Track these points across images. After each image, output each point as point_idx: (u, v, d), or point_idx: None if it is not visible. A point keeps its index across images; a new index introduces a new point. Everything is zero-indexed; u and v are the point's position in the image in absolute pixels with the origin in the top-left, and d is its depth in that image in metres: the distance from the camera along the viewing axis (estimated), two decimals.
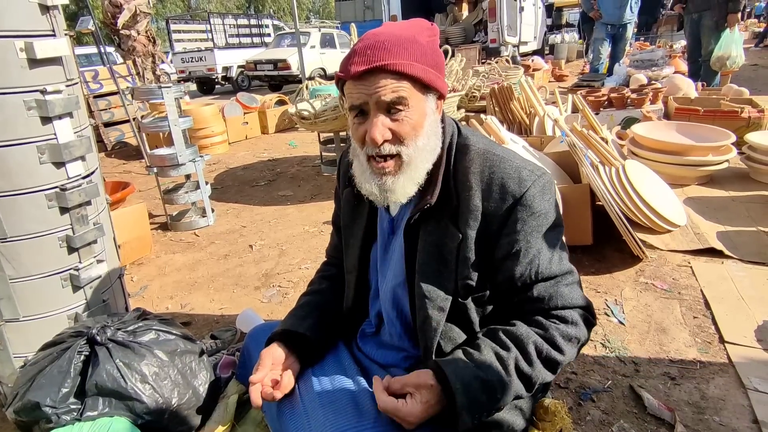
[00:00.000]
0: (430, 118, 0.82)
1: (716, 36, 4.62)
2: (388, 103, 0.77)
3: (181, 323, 1.69)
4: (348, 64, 0.77)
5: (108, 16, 5.49)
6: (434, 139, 0.83)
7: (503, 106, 3.41)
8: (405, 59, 0.76)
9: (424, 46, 0.79)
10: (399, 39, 0.77)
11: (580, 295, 0.85)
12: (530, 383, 0.80)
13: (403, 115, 0.78)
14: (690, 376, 1.38)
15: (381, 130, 0.77)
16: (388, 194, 0.82)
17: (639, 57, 6.10)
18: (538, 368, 0.79)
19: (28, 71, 1.22)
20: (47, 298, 1.36)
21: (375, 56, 0.75)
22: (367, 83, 0.76)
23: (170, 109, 2.67)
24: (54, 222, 1.33)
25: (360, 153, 0.83)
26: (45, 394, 1.10)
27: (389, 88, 0.76)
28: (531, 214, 0.81)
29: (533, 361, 0.79)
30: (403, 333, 0.96)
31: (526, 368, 0.78)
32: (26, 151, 1.25)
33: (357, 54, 0.77)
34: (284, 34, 12.26)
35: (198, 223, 2.93)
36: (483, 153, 0.85)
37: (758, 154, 2.75)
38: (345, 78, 0.78)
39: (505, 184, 0.81)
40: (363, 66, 0.75)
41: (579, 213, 2.10)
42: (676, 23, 5.04)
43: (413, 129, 0.79)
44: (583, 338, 0.84)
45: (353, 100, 0.79)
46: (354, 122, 0.81)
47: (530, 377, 0.79)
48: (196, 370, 1.27)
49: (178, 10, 23.45)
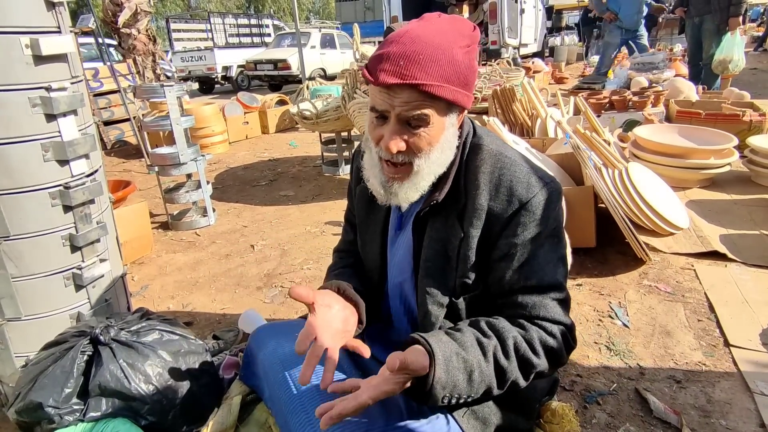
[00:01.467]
0: (449, 132, 0.81)
1: (717, 40, 4.64)
2: (410, 117, 0.76)
3: (183, 323, 1.68)
4: (378, 68, 0.74)
5: (108, 14, 5.47)
6: (448, 151, 0.83)
7: (505, 108, 3.40)
8: (437, 80, 0.73)
9: (459, 64, 0.75)
10: (435, 52, 0.73)
11: (565, 313, 0.84)
12: (503, 378, 0.78)
13: (423, 131, 0.77)
14: (695, 380, 1.38)
15: (396, 141, 0.76)
16: (391, 197, 0.83)
17: (640, 60, 6.11)
18: (513, 364, 0.78)
19: (33, 68, 1.21)
20: (49, 297, 1.35)
21: (408, 71, 0.72)
22: (393, 94, 0.74)
23: (172, 107, 2.66)
24: (57, 220, 1.32)
25: (374, 149, 0.83)
26: (47, 395, 1.09)
27: (414, 104, 0.74)
28: (533, 221, 0.81)
29: (510, 355, 0.78)
30: (410, 329, 0.96)
31: (503, 360, 0.77)
32: (30, 149, 1.24)
33: (389, 61, 0.73)
34: (284, 34, 12.25)
35: (199, 223, 2.92)
36: (495, 154, 0.85)
37: (760, 158, 2.76)
38: (372, 84, 0.76)
39: (513, 187, 0.81)
40: (393, 79, 0.72)
41: (582, 215, 2.09)
42: (677, 27, 5.06)
43: (429, 144, 0.79)
44: (561, 355, 0.82)
45: (376, 104, 0.78)
46: (373, 121, 0.80)
47: (505, 371, 0.78)
48: (200, 371, 1.26)
49: (178, 9, 23.41)
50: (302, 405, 0.88)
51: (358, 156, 1.00)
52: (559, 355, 0.82)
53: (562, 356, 0.82)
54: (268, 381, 1.03)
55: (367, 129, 0.83)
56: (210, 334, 1.72)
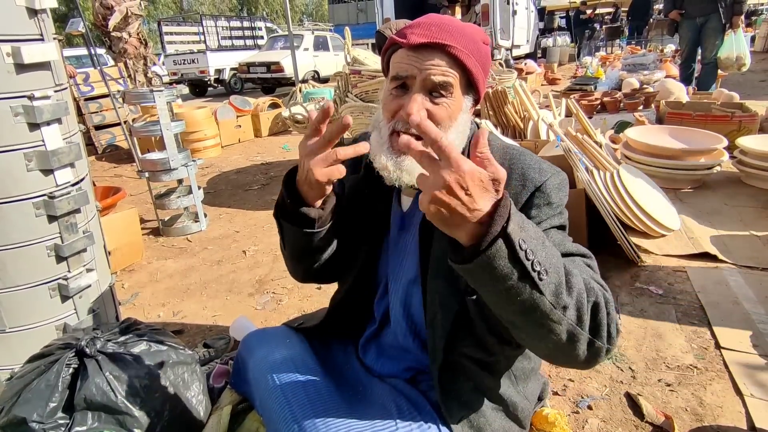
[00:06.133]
0: (464, 116, 0.81)
1: (722, 38, 4.62)
2: (435, 84, 0.76)
3: (173, 332, 1.66)
4: (408, 32, 0.77)
5: (99, 17, 5.44)
6: (462, 137, 0.82)
7: (497, 110, 3.41)
8: (465, 48, 0.76)
9: (480, 47, 0.79)
10: (463, 30, 0.77)
11: (598, 275, 0.75)
12: (569, 279, 0.64)
13: (444, 101, 0.77)
14: (687, 383, 1.38)
15: (419, 106, 0.75)
16: (403, 174, 0.78)
17: (630, 61, 6.15)
18: (578, 279, 0.66)
19: (15, 76, 1.19)
20: (35, 309, 1.33)
21: (439, 34, 0.75)
22: (421, 57, 0.76)
23: (162, 112, 2.63)
24: (42, 231, 1.30)
25: (384, 126, 0.80)
26: (32, 409, 1.07)
27: (442, 69, 0.75)
28: (548, 203, 0.80)
29: (573, 286, 0.64)
30: (408, 332, 0.94)
31: (573, 276, 0.65)
32: (13, 159, 1.22)
33: (420, 26, 0.77)
34: (277, 37, 12.22)
35: (190, 228, 2.89)
36: (502, 148, 0.86)
37: (750, 159, 2.78)
38: (403, 44, 0.77)
39: (525, 173, 0.81)
40: (424, 39, 0.75)
41: (574, 218, 2.06)
42: (666, 28, 5.06)
43: (449, 118, 0.78)
44: (608, 323, 0.68)
45: (400, 70, 0.77)
46: (391, 93, 0.79)
47: (570, 274, 0.65)
48: (189, 382, 1.24)
49: (170, 12, 23.30)
50: (292, 413, 0.87)
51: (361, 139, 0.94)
52: (604, 324, 0.68)
53: (610, 335, 0.68)
54: (258, 388, 1.02)
55: (383, 104, 0.81)
56: (201, 342, 1.70)
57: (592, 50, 11.97)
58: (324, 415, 0.84)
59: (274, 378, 0.96)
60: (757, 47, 9.22)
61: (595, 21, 13.76)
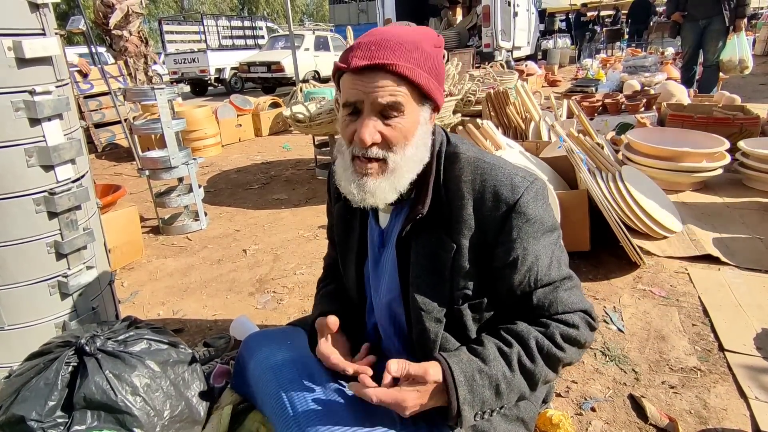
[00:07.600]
0: (423, 129, 0.80)
1: (724, 41, 4.61)
2: (383, 106, 0.74)
3: (173, 330, 1.65)
4: (349, 56, 0.75)
5: (100, 15, 5.42)
6: (423, 149, 0.81)
7: (499, 111, 3.40)
8: (408, 63, 0.73)
9: (428, 54, 0.77)
10: (405, 41, 0.75)
11: (580, 298, 0.85)
12: (533, 380, 0.80)
13: (397, 122, 0.76)
14: (691, 385, 1.37)
15: (371, 131, 0.74)
16: (367, 196, 0.79)
17: (631, 63, 6.16)
18: (540, 364, 0.79)
19: (16, 71, 1.18)
20: (34, 306, 1.31)
21: (379, 54, 0.73)
22: (365, 80, 0.74)
23: (163, 110, 2.62)
24: (42, 227, 1.28)
25: (345, 151, 0.80)
26: (30, 408, 1.05)
27: (387, 90, 0.73)
28: (526, 221, 0.80)
29: (535, 357, 0.79)
30: (402, 348, 0.94)
31: (529, 364, 0.79)
32: (13, 154, 1.20)
33: (360, 47, 0.74)
34: (278, 37, 12.21)
35: (190, 227, 2.88)
36: (474, 161, 0.83)
37: (751, 161, 2.77)
38: (344, 69, 0.76)
39: (497, 191, 0.80)
40: (365, 61, 0.72)
41: (576, 219, 2.09)
42: (668, 30, 5.05)
43: (404, 137, 0.77)
44: (584, 340, 0.83)
45: (348, 96, 0.76)
46: (345, 119, 0.78)
47: (533, 374, 0.79)
48: (189, 381, 1.23)
49: (170, 11, 23.31)
50: (295, 417, 0.86)
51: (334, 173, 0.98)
52: (582, 341, 0.83)
53: (586, 341, 0.84)
54: (259, 390, 1.01)
55: (340, 130, 0.81)
56: (201, 341, 1.69)
57: (593, 52, 12.00)
58: (326, 419, 0.83)
59: (276, 380, 0.95)
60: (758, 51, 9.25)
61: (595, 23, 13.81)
